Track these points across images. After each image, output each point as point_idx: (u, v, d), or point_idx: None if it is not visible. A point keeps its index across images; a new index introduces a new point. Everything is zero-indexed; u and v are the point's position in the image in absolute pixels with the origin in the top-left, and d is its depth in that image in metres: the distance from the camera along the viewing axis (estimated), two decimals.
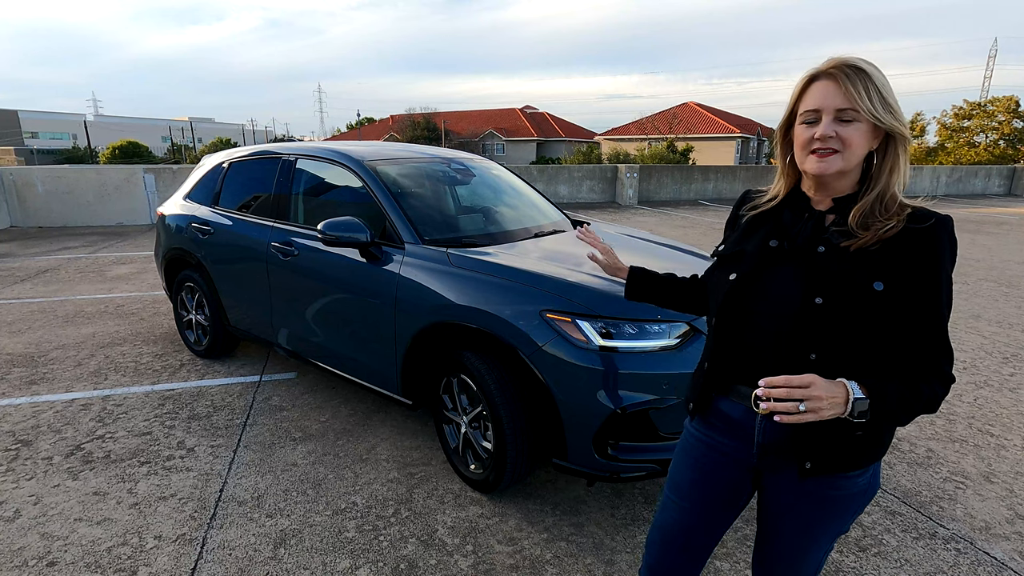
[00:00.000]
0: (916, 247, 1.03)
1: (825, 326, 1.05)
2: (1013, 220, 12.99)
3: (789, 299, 1.09)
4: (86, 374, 3.76)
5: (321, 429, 3.07)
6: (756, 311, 1.14)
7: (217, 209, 3.82)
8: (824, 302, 1.05)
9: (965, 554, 2.20)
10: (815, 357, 1.06)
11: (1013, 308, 5.62)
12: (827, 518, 1.18)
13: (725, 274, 1.20)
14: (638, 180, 15.39)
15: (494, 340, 2.32)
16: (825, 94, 1.04)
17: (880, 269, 1.03)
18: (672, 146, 26.64)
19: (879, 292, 1.02)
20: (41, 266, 7.07)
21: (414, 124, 45.06)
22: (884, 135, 1.06)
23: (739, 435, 1.20)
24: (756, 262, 1.16)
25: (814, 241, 1.11)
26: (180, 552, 2.14)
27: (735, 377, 1.19)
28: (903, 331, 1.04)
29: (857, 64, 1.02)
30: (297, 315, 3.22)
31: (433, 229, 2.86)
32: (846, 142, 1.03)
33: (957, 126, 33.60)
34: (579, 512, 2.43)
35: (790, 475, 1.16)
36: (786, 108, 1.13)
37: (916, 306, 1.03)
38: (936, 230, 1.03)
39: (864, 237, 1.04)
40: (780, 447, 1.15)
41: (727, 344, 1.20)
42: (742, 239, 1.23)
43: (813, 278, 1.07)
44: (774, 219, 1.19)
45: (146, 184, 10.83)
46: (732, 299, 1.17)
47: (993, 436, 3.10)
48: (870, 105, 1.01)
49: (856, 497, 1.16)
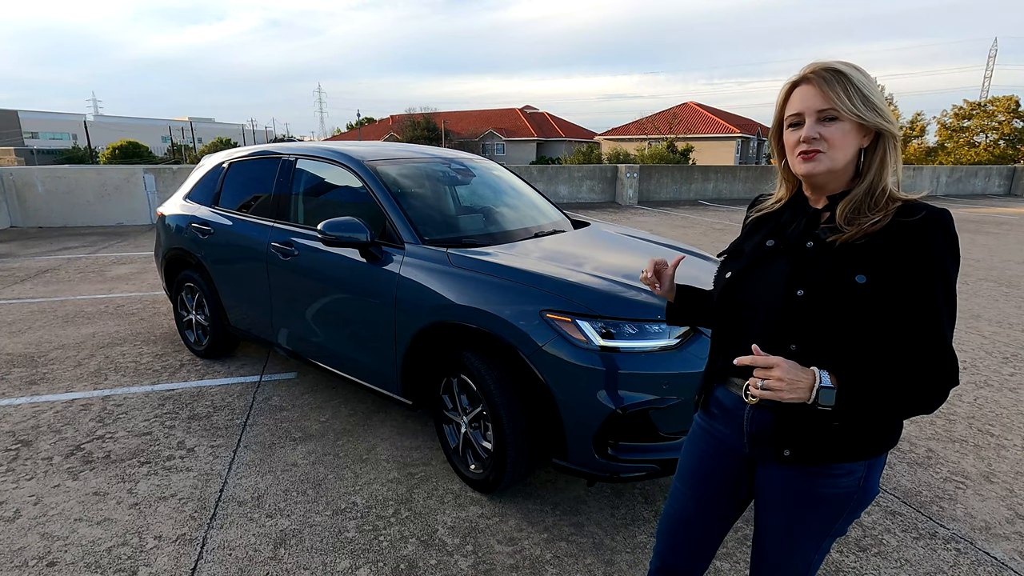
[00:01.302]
0: (903, 240, 1.02)
1: (805, 317, 1.08)
2: (1013, 220, 12.99)
3: (772, 291, 1.14)
4: (86, 374, 3.76)
5: (321, 429, 3.07)
6: (746, 305, 1.19)
7: (217, 209, 3.82)
8: (805, 294, 1.08)
9: (965, 554, 2.20)
10: (795, 348, 1.10)
11: (1013, 308, 5.62)
12: (808, 517, 1.17)
13: (723, 272, 1.27)
14: (638, 180, 15.39)
15: (494, 340, 2.32)
16: (805, 98, 1.08)
17: (864, 262, 1.04)
18: (672, 146, 26.64)
19: (861, 285, 1.03)
20: (41, 266, 7.07)
21: (414, 124, 45.07)
22: (874, 133, 1.08)
23: (733, 424, 1.25)
24: (751, 260, 1.21)
25: (804, 237, 1.14)
26: (180, 552, 2.14)
27: (730, 368, 1.23)
28: (892, 327, 1.04)
29: (834, 67, 1.06)
30: (297, 315, 3.22)
31: (433, 229, 2.86)
32: (830, 141, 1.06)
33: (957, 126, 33.61)
34: (579, 512, 2.43)
35: (775, 469, 1.19)
36: (774, 116, 1.17)
37: (904, 302, 1.02)
38: (925, 224, 1.02)
39: (849, 231, 1.06)
40: (766, 436, 1.17)
41: (723, 337, 1.27)
42: (744, 239, 1.29)
43: (797, 271, 1.11)
44: (775, 219, 1.24)
45: (146, 184, 10.83)
46: (727, 295, 1.23)
47: (993, 436, 3.10)
48: (850, 105, 1.03)
49: (842, 499, 1.14)
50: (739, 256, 1.25)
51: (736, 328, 1.22)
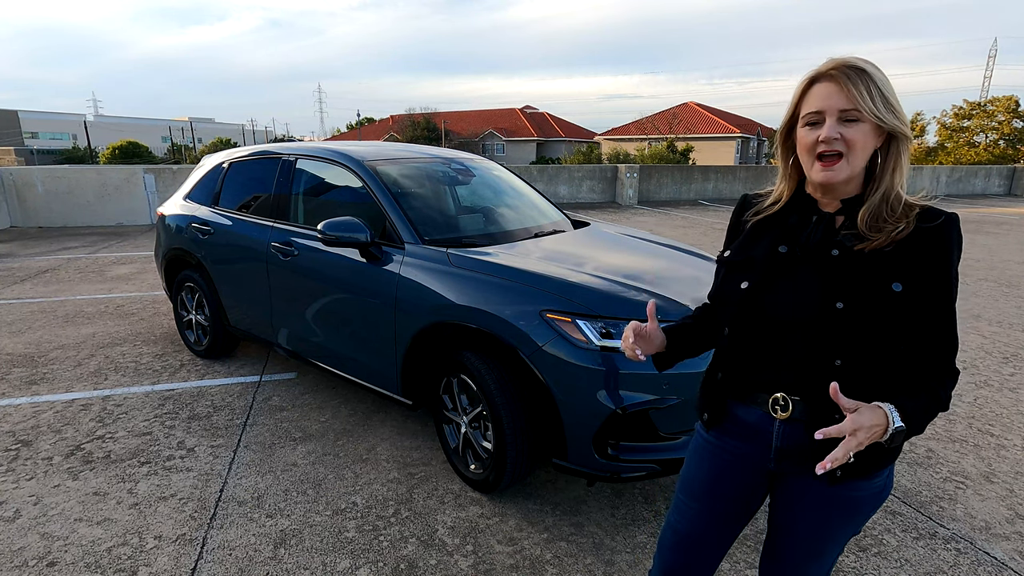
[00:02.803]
0: (929, 246, 1.03)
1: (848, 331, 1.04)
2: (1013, 220, 12.99)
3: (807, 305, 1.08)
4: (86, 374, 3.76)
5: (321, 429, 3.07)
6: (773, 318, 1.12)
7: (217, 209, 3.82)
8: (845, 306, 1.04)
9: (965, 554, 2.20)
10: (840, 363, 1.05)
11: (1013, 308, 5.62)
12: (845, 520, 1.17)
13: (736, 282, 1.18)
14: (638, 180, 15.39)
15: (494, 340, 2.32)
16: (827, 95, 1.03)
17: (897, 270, 1.03)
18: (672, 146, 26.64)
19: (898, 293, 1.02)
20: (41, 266, 7.07)
21: (414, 124, 45.08)
22: (887, 135, 1.05)
23: (756, 440, 1.18)
24: (767, 269, 1.14)
25: (826, 244, 1.09)
26: (180, 552, 2.14)
27: (753, 384, 1.17)
28: (920, 330, 1.05)
29: (858, 64, 1.01)
30: (297, 315, 3.22)
31: (433, 229, 2.86)
32: (850, 144, 1.02)
33: (957, 126, 33.58)
34: (579, 512, 2.43)
35: (807, 478, 1.15)
36: (787, 111, 1.12)
37: (931, 304, 1.04)
38: (946, 228, 1.04)
39: (877, 239, 1.04)
40: (799, 451, 1.14)
41: (743, 352, 1.18)
42: (749, 245, 1.20)
43: (831, 282, 1.06)
44: (780, 223, 1.17)
45: (146, 184, 10.83)
46: (746, 307, 1.15)
47: (993, 436, 3.10)
48: (872, 106, 1.00)
49: (872, 499, 1.16)
50: (752, 265, 1.16)
51: (760, 343, 1.14)
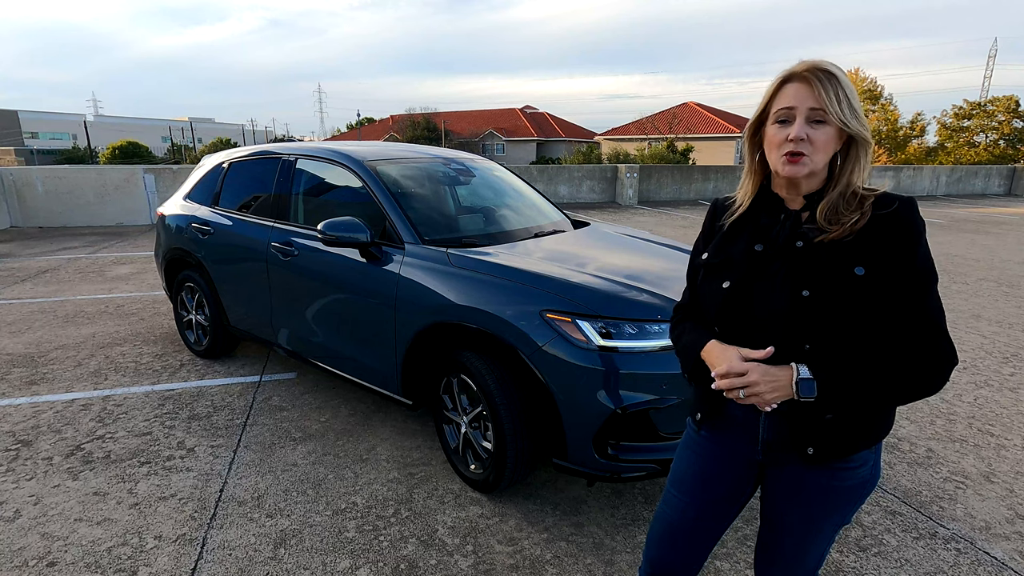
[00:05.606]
0: (888, 230, 1.08)
1: (815, 316, 1.09)
2: (1013, 220, 12.99)
3: (780, 297, 1.13)
4: (86, 374, 3.76)
5: (321, 429, 3.07)
6: (753, 313, 1.17)
7: (217, 209, 3.82)
8: (811, 294, 1.09)
9: (965, 554, 2.20)
10: (809, 347, 1.10)
11: (1013, 308, 5.62)
12: (830, 508, 1.21)
13: (718, 282, 1.22)
14: (638, 180, 15.39)
15: (494, 340, 2.32)
16: (798, 95, 1.08)
17: (858, 255, 1.08)
18: (672, 146, 26.62)
19: (860, 277, 1.07)
20: (41, 266, 7.07)
21: (414, 124, 45.07)
22: (847, 138, 1.11)
23: (743, 433, 1.23)
24: (746, 267, 1.19)
25: (792, 238, 1.15)
26: (180, 552, 2.14)
27: None
28: (893, 313, 1.07)
29: (828, 68, 1.07)
30: (297, 315, 3.22)
31: (433, 229, 2.86)
32: (815, 144, 1.08)
33: (957, 126, 33.57)
34: (579, 512, 2.43)
35: (793, 468, 1.20)
36: (757, 108, 1.17)
37: (899, 286, 1.07)
38: (901, 211, 1.09)
39: (836, 230, 1.10)
40: (782, 442, 1.18)
41: None
42: (726, 245, 1.25)
43: (797, 273, 1.12)
44: (752, 223, 1.22)
45: (146, 184, 10.83)
46: (729, 305, 1.19)
47: (993, 436, 3.10)
48: (839, 109, 1.05)
49: (857, 488, 1.19)
50: (731, 264, 1.21)
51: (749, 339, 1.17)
